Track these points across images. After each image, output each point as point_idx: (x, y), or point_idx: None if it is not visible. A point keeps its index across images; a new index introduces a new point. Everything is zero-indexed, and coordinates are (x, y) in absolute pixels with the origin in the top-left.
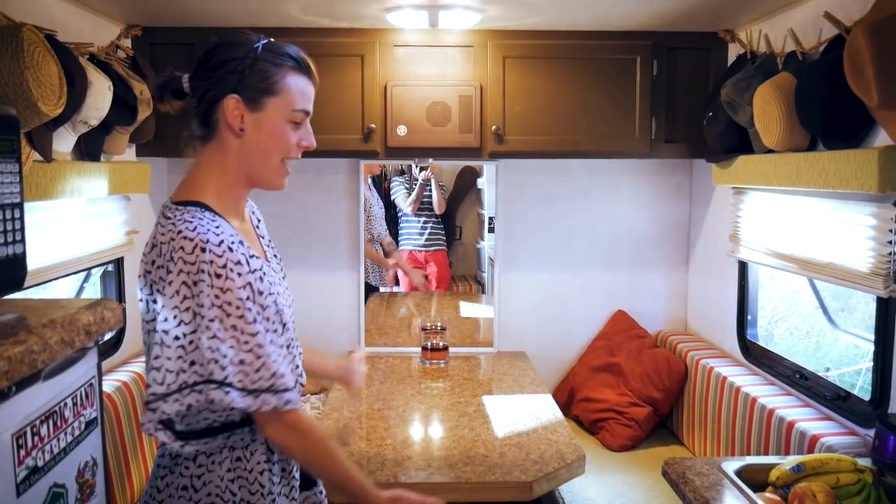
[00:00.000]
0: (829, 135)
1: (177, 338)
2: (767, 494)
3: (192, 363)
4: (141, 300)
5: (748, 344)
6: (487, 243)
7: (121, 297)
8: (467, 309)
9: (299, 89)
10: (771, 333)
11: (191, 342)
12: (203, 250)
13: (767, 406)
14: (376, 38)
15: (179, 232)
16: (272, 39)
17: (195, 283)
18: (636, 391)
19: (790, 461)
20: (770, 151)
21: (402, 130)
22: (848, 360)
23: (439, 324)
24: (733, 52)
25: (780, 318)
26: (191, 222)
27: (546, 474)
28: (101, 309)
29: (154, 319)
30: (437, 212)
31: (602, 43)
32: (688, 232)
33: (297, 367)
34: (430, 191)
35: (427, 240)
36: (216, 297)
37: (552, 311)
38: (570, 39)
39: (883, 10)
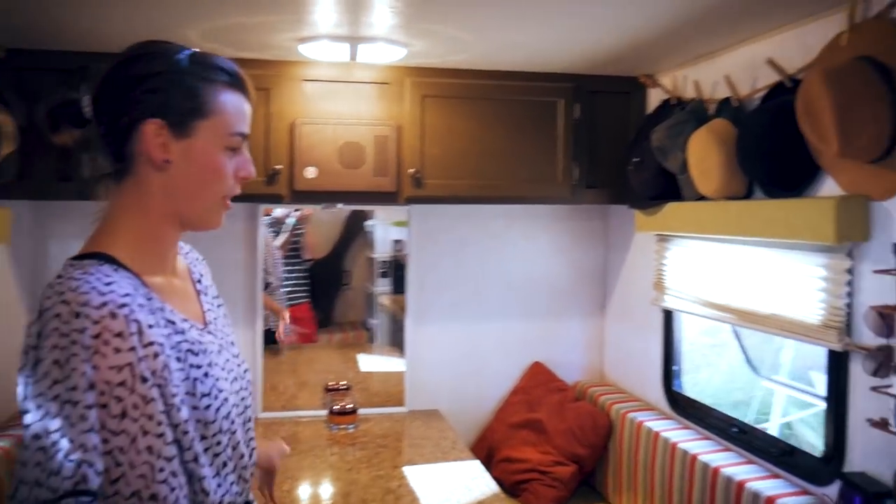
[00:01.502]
0: (771, 183)
1: (37, 436)
2: None
3: (52, 473)
4: (19, 384)
5: (675, 395)
6: (377, 289)
7: None
8: (368, 363)
9: (236, 109)
10: (695, 381)
11: (53, 443)
12: (77, 316)
13: (711, 465)
14: (283, 70)
15: (60, 294)
16: (198, 50)
17: (66, 361)
18: (560, 449)
19: None
20: (702, 198)
21: (311, 172)
22: (767, 409)
23: (344, 382)
24: (653, 97)
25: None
26: (76, 280)
27: None
28: None
29: None
30: (305, 256)
31: (524, 84)
32: (604, 279)
33: (236, 482)
34: (299, 234)
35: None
36: (91, 378)
37: (466, 364)
38: (492, 80)
39: (835, 57)
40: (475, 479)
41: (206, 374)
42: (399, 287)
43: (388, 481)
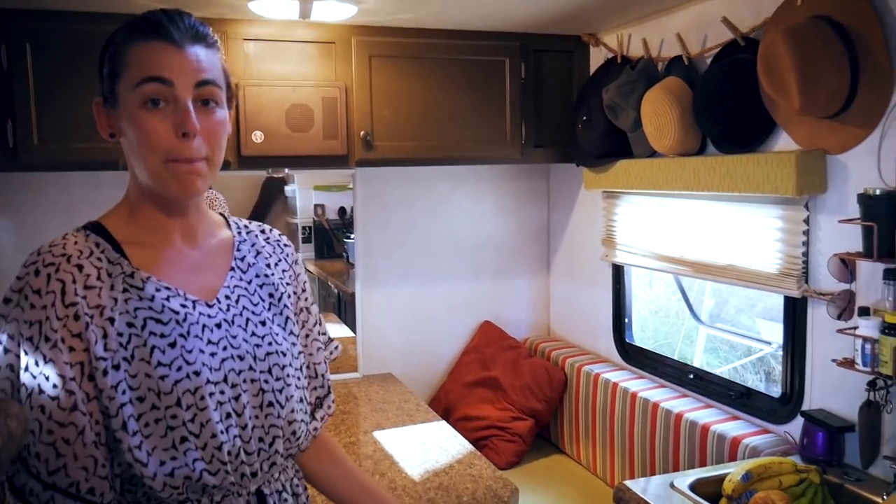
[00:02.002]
0: (727, 140)
1: None
2: None
3: None
4: None
5: (627, 347)
6: (300, 255)
7: None
8: None
9: (143, 56)
10: (645, 329)
11: None
12: (18, 278)
13: (673, 411)
14: (224, 28)
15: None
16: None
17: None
18: (517, 404)
19: (738, 470)
20: (652, 155)
21: (258, 137)
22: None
23: None
24: (596, 55)
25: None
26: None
27: None
28: (3, 419)
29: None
30: None
31: (471, 43)
32: (547, 237)
33: (206, 460)
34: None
35: None
36: (8, 330)
37: (417, 326)
38: (438, 38)
39: (791, 17)
40: (447, 438)
41: (171, 345)
42: (323, 252)
43: (362, 447)
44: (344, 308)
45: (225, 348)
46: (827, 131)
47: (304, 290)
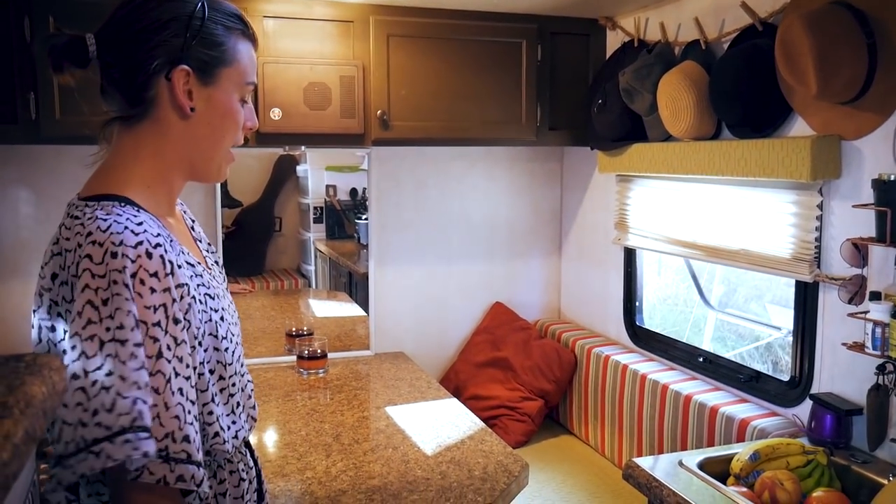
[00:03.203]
0: (743, 124)
1: (76, 376)
2: (733, 488)
3: (96, 412)
4: (34, 327)
5: (637, 330)
6: (312, 234)
7: None
8: (321, 308)
9: (250, 58)
10: (653, 316)
11: (94, 383)
12: (115, 255)
13: (682, 392)
14: (243, 5)
15: (89, 234)
16: None
17: (104, 302)
18: (527, 385)
19: (746, 450)
20: (667, 139)
21: (276, 114)
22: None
23: (306, 328)
24: (612, 39)
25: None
26: (104, 220)
27: (500, 492)
28: (48, 372)
29: (49, 353)
30: None
31: (489, 24)
32: (559, 220)
33: (247, 420)
34: None
35: None
36: (137, 316)
37: (429, 305)
38: (456, 19)
39: (810, 2)
40: (458, 416)
41: (221, 318)
42: (334, 232)
43: (375, 421)
44: (355, 288)
45: (231, 315)
46: (843, 117)
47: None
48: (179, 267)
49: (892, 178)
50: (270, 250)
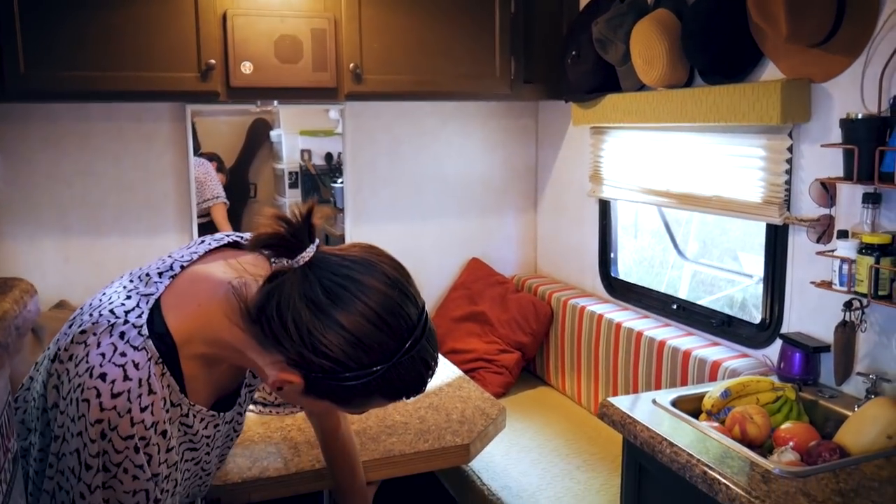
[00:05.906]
0: (715, 71)
1: (62, 472)
2: (705, 423)
3: None
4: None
5: (612, 281)
6: (289, 200)
7: None
8: None
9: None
10: (629, 277)
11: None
12: (103, 436)
13: (656, 338)
14: None
15: (93, 389)
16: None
17: (87, 461)
18: (504, 338)
19: (717, 388)
20: (641, 89)
21: (247, 67)
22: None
23: None
24: None
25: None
26: (116, 384)
27: (478, 433)
28: (20, 293)
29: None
30: None
31: None
32: (535, 175)
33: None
34: None
35: None
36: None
37: (406, 262)
38: None
39: None
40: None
41: (196, 463)
42: (310, 196)
43: None
44: None
45: (213, 450)
46: (812, 60)
47: None
48: (169, 442)
49: (860, 116)
50: (246, 216)
